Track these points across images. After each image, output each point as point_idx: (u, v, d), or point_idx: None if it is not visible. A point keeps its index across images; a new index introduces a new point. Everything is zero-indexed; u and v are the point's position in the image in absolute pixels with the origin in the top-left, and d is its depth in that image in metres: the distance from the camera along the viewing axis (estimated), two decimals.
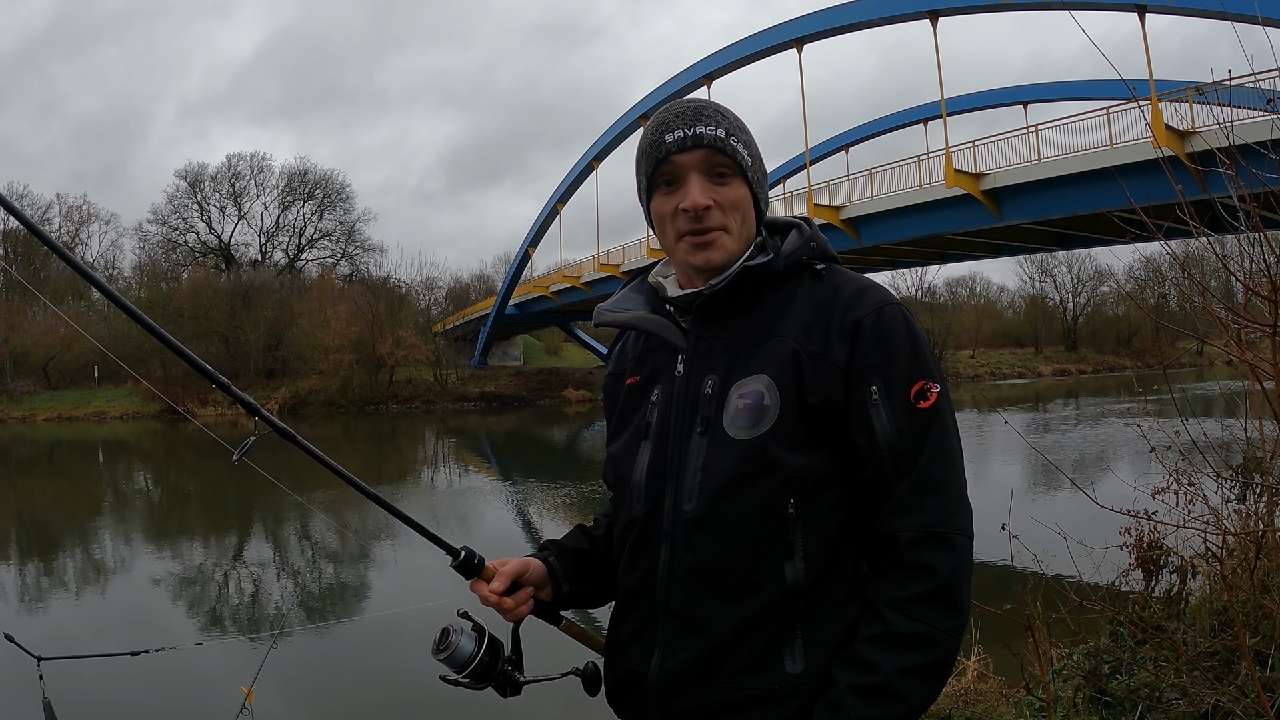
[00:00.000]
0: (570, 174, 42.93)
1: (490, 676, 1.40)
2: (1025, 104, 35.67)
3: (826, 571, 1.25)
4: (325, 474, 1.46)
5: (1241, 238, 3.46)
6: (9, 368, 44.91)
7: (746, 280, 1.31)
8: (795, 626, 1.23)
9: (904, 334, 1.26)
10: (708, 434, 1.28)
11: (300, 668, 6.79)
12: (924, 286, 64.16)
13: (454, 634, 1.38)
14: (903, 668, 1.16)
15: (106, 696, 5.81)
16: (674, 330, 1.37)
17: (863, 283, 1.32)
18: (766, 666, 1.23)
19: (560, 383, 47.91)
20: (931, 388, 1.24)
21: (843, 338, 1.25)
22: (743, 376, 1.28)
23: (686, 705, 1.26)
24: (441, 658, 1.38)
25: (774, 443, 1.24)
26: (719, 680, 1.24)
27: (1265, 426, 3.75)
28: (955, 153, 22.81)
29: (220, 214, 63.62)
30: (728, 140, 1.30)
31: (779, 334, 1.28)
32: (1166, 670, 3.31)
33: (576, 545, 1.52)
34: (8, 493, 20.34)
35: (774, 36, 28.70)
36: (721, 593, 1.25)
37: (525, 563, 1.44)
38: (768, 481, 1.24)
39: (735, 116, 1.34)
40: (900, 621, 1.17)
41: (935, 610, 1.18)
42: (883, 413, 1.23)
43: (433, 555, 1.49)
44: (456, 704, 6.01)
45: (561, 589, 1.47)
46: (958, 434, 1.28)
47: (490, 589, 1.40)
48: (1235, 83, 3.84)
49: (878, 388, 1.23)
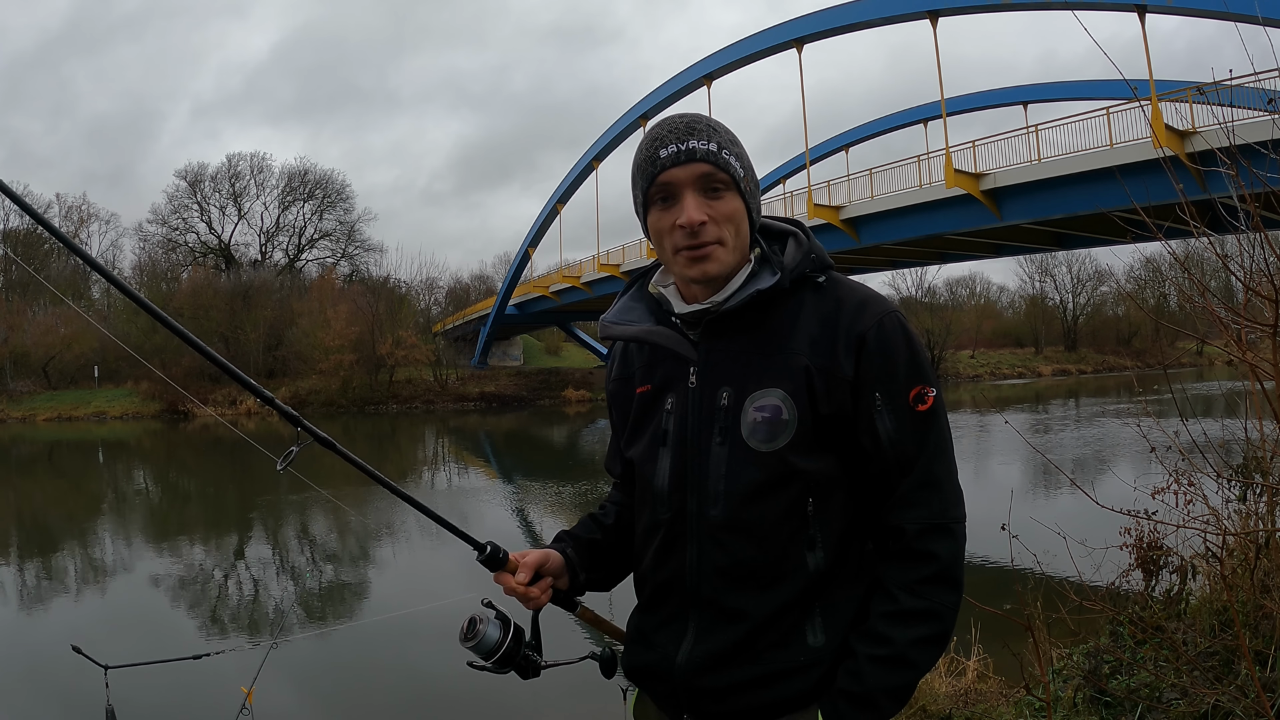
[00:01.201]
0: (570, 174, 42.92)
1: (514, 662, 1.49)
2: (1025, 104, 35.64)
3: (841, 555, 1.38)
4: (340, 471, 1.49)
5: (1242, 237, 3.46)
6: (9, 368, 44.92)
7: (754, 300, 1.39)
8: (815, 606, 1.37)
9: (902, 343, 1.37)
10: (727, 444, 1.38)
11: (302, 668, 6.80)
12: (924, 286, 64.30)
13: (481, 623, 1.47)
14: (914, 639, 1.31)
15: (147, 699, 5.74)
16: (684, 343, 1.44)
17: (863, 294, 1.41)
18: (791, 643, 1.36)
19: (560, 383, 47.91)
20: (928, 391, 1.36)
21: (848, 351, 1.35)
22: (757, 389, 1.37)
23: (716, 683, 1.37)
24: (470, 645, 1.47)
25: (793, 453, 1.35)
26: (748, 659, 1.36)
27: (1265, 426, 3.74)
28: (955, 153, 22.81)
29: (220, 214, 63.65)
30: (720, 154, 1.35)
31: (790, 350, 1.37)
32: (1166, 670, 3.31)
33: (589, 535, 1.62)
34: (35, 491, 20.36)
35: (774, 37, 28.68)
36: (751, 585, 1.37)
37: (545, 554, 1.54)
38: (789, 486, 1.36)
39: (727, 129, 1.40)
40: (910, 600, 1.32)
41: (940, 589, 1.33)
42: (886, 417, 1.35)
43: (438, 554, 1.51)
44: (464, 699, 6.03)
45: (578, 578, 1.57)
46: (950, 429, 1.41)
47: (516, 580, 1.48)
48: (1236, 83, 3.83)
49: (880, 394, 1.35)
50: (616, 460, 1.59)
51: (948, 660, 4.64)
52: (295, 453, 1.43)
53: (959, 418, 29.23)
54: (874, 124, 42.09)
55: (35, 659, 7.38)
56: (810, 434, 1.34)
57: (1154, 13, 18.69)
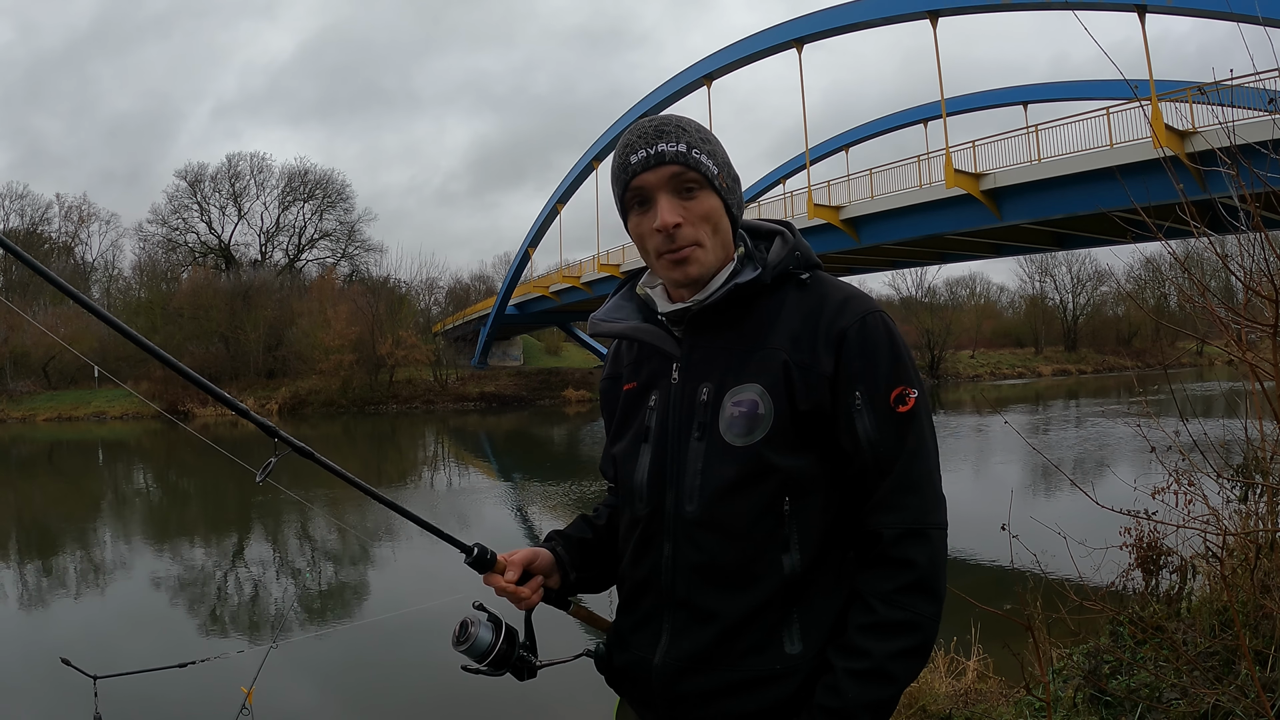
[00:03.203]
0: (570, 174, 42.89)
1: (508, 663, 1.47)
2: (1025, 104, 35.64)
3: (820, 560, 1.34)
4: (327, 475, 1.48)
5: (1242, 237, 3.46)
6: (9, 368, 44.91)
7: (735, 295, 1.38)
8: (793, 612, 1.33)
9: (884, 342, 1.33)
10: (705, 439, 1.36)
11: (302, 668, 6.79)
12: (924, 286, 64.32)
13: (472, 625, 1.45)
14: (892, 652, 1.27)
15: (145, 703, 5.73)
16: (667, 339, 1.44)
17: (846, 292, 1.38)
18: (767, 649, 1.32)
19: (560, 383, 47.91)
20: (910, 392, 1.32)
21: (828, 348, 1.32)
22: (736, 385, 1.35)
23: (691, 688, 1.35)
24: (462, 649, 1.45)
25: (768, 448, 1.32)
26: (723, 664, 1.33)
27: (1265, 426, 3.74)
28: (955, 153, 22.80)
29: (220, 214, 63.73)
30: (690, 154, 1.34)
31: (770, 345, 1.35)
32: (1166, 670, 3.31)
33: (580, 535, 1.60)
34: (34, 491, 20.35)
35: (774, 37, 28.66)
36: (725, 585, 1.34)
37: (534, 552, 1.52)
38: (764, 483, 1.33)
39: (698, 127, 1.38)
40: (887, 611, 1.28)
41: (917, 599, 1.28)
42: (865, 417, 1.31)
43: (433, 556, 1.51)
44: (464, 699, 6.02)
45: (569, 576, 1.55)
46: (934, 433, 1.36)
47: (505, 579, 1.48)
48: (1236, 83, 3.82)
49: (860, 393, 1.31)
50: (609, 462, 1.56)
51: (948, 660, 4.64)
52: (273, 463, 1.41)
53: (959, 418, 29.22)
54: (874, 124, 42.07)
55: (29, 665, 7.36)
56: (788, 430, 1.32)
57: (1154, 13, 18.68)
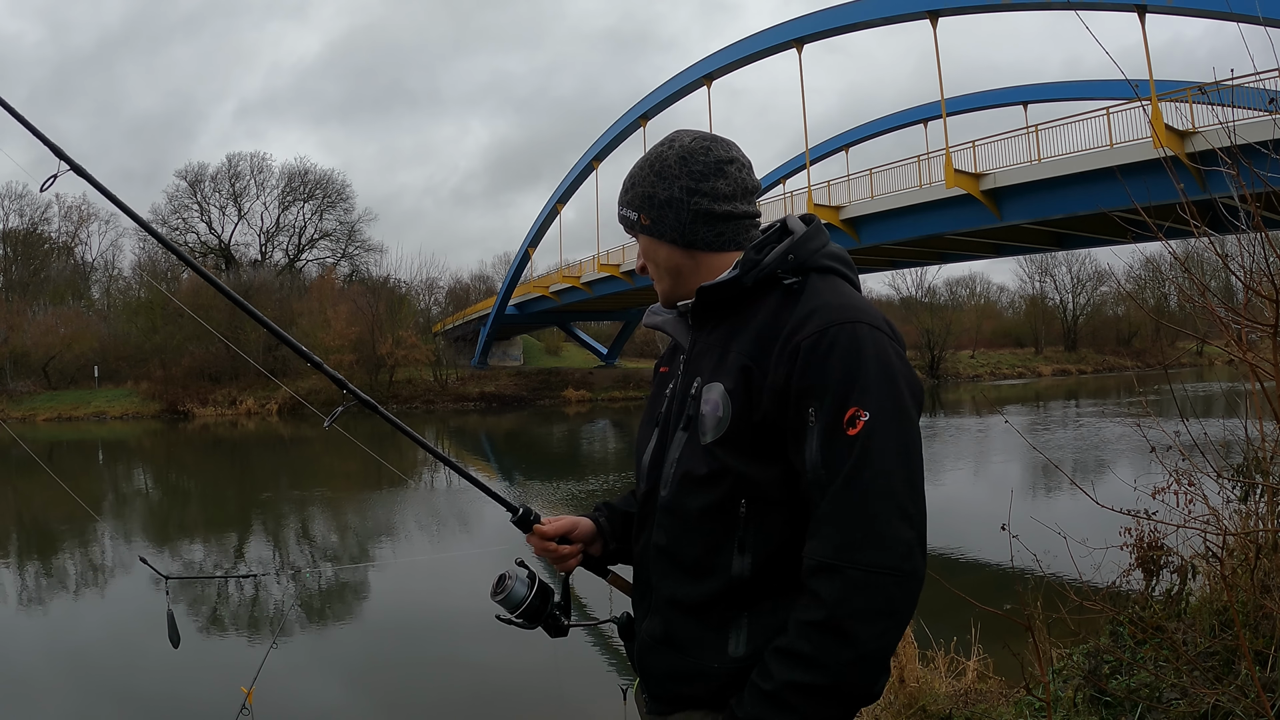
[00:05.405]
0: (570, 174, 42.86)
1: (540, 618, 1.58)
2: (1025, 104, 35.62)
3: (772, 570, 1.33)
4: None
5: (1242, 237, 3.46)
6: (9, 368, 44.87)
7: (706, 298, 1.43)
8: (743, 615, 1.35)
9: (844, 358, 1.25)
10: (688, 430, 1.42)
11: (302, 668, 6.79)
12: (924, 286, 64.27)
13: (510, 579, 1.56)
14: (790, 682, 1.22)
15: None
16: (685, 333, 1.52)
17: (820, 303, 1.32)
18: (713, 645, 1.36)
19: (560, 383, 47.89)
20: (861, 414, 1.22)
21: (783, 359, 1.29)
22: (710, 382, 1.40)
23: (653, 663, 1.45)
24: (498, 599, 1.56)
25: (722, 449, 1.35)
26: (675, 648, 1.40)
27: (1265, 426, 3.74)
28: (955, 153, 22.79)
29: (220, 214, 63.60)
30: (623, 212, 1.51)
31: (736, 348, 1.37)
32: (1166, 670, 3.31)
33: (626, 508, 1.68)
34: (35, 492, 20.32)
35: (774, 37, 28.65)
36: (681, 573, 1.40)
37: (574, 521, 1.65)
38: (720, 482, 1.35)
39: (640, 170, 1.48)
40: (794, 639, 1.24)
41: (822, 638, 1.21)
42: (813, 435, 1.25)
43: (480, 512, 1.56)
44: (465, 699, 6.03)
45: (609, 546, 1.66)
46: (899, 461, 1.23)
47: (543, 540, 1.61)
48: (1236, 82, 3.83)
49: (814, 411, 1.25)
50: None
51: (948, 660, 4.64)
52: (340, 411, 1.67)
53: (959, 418, 29.21)
54: (874, 124, 42.04)
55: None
56: (744, 435, 1.32)
57: (1154, 12, 18.66)
